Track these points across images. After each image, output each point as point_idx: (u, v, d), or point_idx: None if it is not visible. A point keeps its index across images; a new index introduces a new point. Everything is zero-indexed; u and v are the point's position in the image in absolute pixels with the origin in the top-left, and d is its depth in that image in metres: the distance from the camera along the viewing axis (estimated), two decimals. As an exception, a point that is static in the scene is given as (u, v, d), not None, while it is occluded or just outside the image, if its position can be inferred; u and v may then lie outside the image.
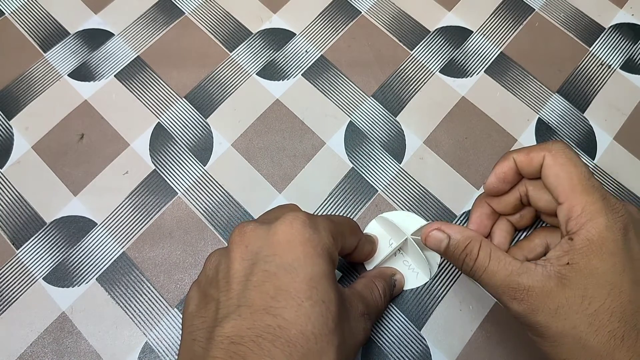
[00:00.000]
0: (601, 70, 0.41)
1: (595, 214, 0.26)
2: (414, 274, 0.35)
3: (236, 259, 0.25)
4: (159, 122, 0.39)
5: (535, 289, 0.25)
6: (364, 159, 0.38)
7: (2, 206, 0.37)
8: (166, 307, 0.34)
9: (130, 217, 0.36)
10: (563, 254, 0.26)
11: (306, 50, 0.41)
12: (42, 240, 0.36)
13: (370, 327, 0.29)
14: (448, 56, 0.42)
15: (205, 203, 0.37)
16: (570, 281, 0.25)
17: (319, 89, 0.40)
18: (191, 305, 0.26)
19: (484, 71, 0.41)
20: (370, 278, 0.32)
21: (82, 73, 0.41)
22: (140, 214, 0.36)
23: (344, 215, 0.36)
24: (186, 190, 0.37)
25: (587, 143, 0.39)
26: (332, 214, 0.37)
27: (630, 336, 0.24)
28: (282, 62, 0.41)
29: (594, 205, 0.26)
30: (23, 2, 0.43)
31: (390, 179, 0.38)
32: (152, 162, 0.38)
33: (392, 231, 0.35)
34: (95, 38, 0.42)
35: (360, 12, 0.43)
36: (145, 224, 0.36)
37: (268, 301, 0.23)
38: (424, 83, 0.41)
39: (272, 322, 0.23)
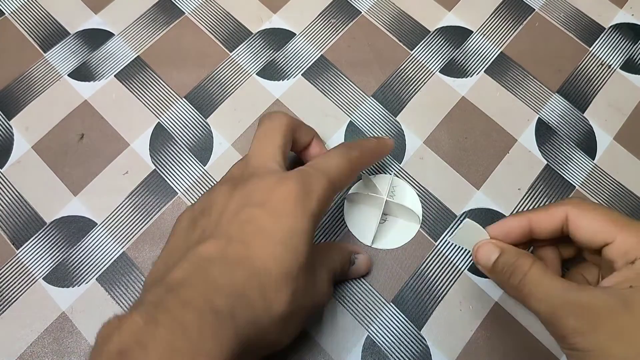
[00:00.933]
0: (601, 70, 0.41)
1: None
2: (405, 227, 0.36)
3: (232, 199, 0.27)
4: (159, 122, 0.39)
5: (597, 307, 0.23)
6: (364, 159, 0.38)
7: (2, 206, 0.37)
8: (166, 307, 0.34)
9: (130, 217, 0.36)
10: (624, 279, 0.24)
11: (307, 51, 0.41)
12: (42, 240, 0.36)
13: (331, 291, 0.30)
14: (448, 56, 0.42)
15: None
16: (635, 304, 0.23)
17: (319, 89, 0.40)
18: (178, 228, 0.29)
19: (484, 71, 0.41)
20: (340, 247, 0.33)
21: (82, 73, 0.41)
22: (140, 214, 0.36)
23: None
24: (186, 190, 0.37)
25: (587, 143, 0.39)
26: (331, 213, 0.37)
27: None
28: (282, 62, 0.41)
29: None
30: (23, 2, 0.43)
31: (390, 179, 0.38)
32: (152, 162, 0.38)
33: (369, 200, 0.36)
34: (95, 38, 0.42)
35: (360, 12, 0.43)
36: (145, 224, 0.36)
37: (247, 236, 0.25)
38: (424, 83, 0.41)
39: (243, 252, 0.25)
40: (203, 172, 0.38)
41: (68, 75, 0.40)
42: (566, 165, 0.38)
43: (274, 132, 0.30)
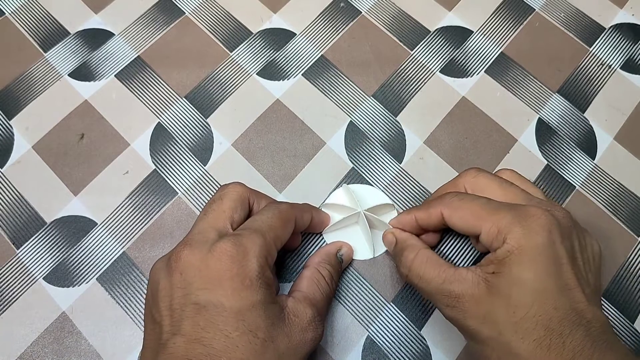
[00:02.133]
0: (601, 70, 0.41)
1: (510, 226, 0.27)
2: (365, 247, 0.36)
3: (173, 286, 0.27)
4: (159, 122, 0.39)
5: (465, 296, 0.27)
6: (364, 159, 0.38)
7: (2, 206, 0.37)
8: (166, 307, 0.34)
9: (130, 217, 0.36)
10: (489, 262, 0.27)
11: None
12: (42, 240, 0.36)
13: (322, 328, 0.29)
14: (448, 56, 0.42)
15: (205, 203, 0.37)
16: (496, 289, 0.26)
17: (319, 89, 0.40)
18: (146, 320, 0.28)
19: (484, 71, 0.41)
20: (314, 267, 0.32)
21: (83, 73, 0.41)
22: (140, 213, 0.36)
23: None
24: (186, 190, 0.37)
25: (588, 143, 0.39)
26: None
27: (557, 344, 0.24)
28: (282, 62, 0.41)
29: (504, 220, 0.27)
30: (23, 2, 0.43)
31: (390, 179, 0.38)
32: (153, 161, 0.38)
33: (352, 203, 0.36)
34: (95, 38, 0.42)
35: (361, 12, 0.43)
36: (145, 224, 0.36)
37: (199, 332, 0.25)
38: (424, 83, 0.41)
39: (203, 351, 0.25)
40: (203, 172, 0.38)
41: (68, 75, 0.40)
42: (566, 165, 0.38)
43: (221, 200, 0.30)
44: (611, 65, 0.41)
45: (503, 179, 0.31)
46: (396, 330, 0.34)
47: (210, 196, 0.37)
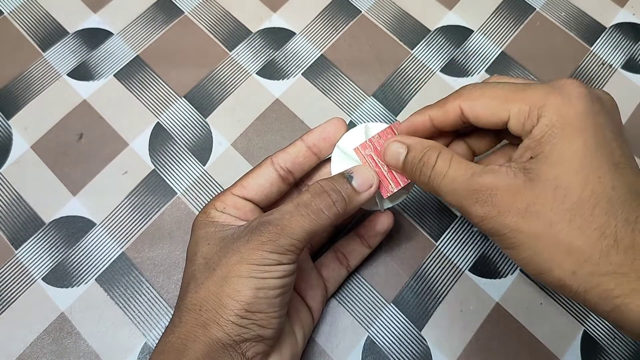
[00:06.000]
0: (602, 69, 0.41)
1: (545, 98, 0.22)
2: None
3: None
4: (158, 121, 0.39)
5: (500, 188, 0.22)
6: (364, 159, 0.38)
7: (1, 206, 0.36)
8: (166, 307, 0.34)
9: (129, 217, 0.36)
10: (525, 150, 0.23)
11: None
12: (41, 241, 0.35)
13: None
14: (449, 56, 0.42)
15: (205, 203, 0.37)
16: (538, 174, 0.22)
17: (319, 89, 0.40)
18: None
19: (485, 70, 0.41)
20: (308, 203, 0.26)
21: (81, 72, 0.40)
22: (139, 214, 0.36)
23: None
24: (185, 190, 0.37)
25: (588, 143, 0.39)
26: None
27: (625, 232, 0.20)
28: (282, 62, 0.41)
29: (536, 94, 0.23)
30: (22, 1, 0.43)
31: (390, 179, 0.37)
32: (152, 161, 0.38)
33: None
34: (94, 37, 0.42)
35: (361, 12, 0.43)
36: (144, 224, 0.36)
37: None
38: (425, 82, 0.41)
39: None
40: (202, 172, 0.38)
41: (67, 74, 0.40)
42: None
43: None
44: (612, 64, 0.41)
45: (512, 78, 0.27)
46: (396, 331, 0.34)
47: (210, 196, 0.37)
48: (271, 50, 0.42)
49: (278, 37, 0.42)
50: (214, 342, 0.24)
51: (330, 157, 0.30)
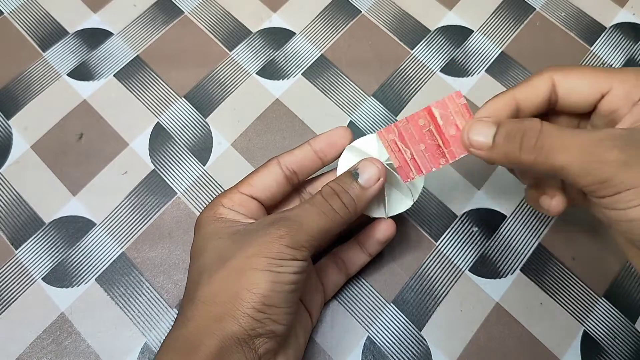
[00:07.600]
0: (602, 69, 0.41)
1: None
2: (398, 198, 0.31)
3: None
4: (158, 121, 0.39)
5: (637, 139, 0.21)
6: (364, 159, 0.38)
7: (1, 206, 0.36)
8: (165, 307, 0.34)
9: (129, 217, 0.36)
10: (637, 118, 0.23)
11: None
12: (41, 241, 0.35)
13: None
14: (449, 55, 0.41)
15: (205, 203, 0.37)
16: None
17: (319, 89, 0.40)
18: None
19: (485, 70, 0.41)
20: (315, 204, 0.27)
21: (81, 72, 0.40)
22: (139, 214, 0.36)
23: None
24: (185, 190, 0.37)
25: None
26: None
27: None
28: (282, 62, 0.41)
29: (632, 76, 0.24)
30: (22, 1, 0.43)
31: (390, 179, 0.37)
32: (152, 161, 0.38)
33: (380, 154, 0.30)
34: (94, 37, 0.42)
35: (361, 12, 0.43)
36: (144, 224, 0.36)
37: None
38: (425, 82, 0.40)
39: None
40: (202, 172, 0.38)
41: (67, 74, 0.40)
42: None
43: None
44: (612, 64, 0.41)
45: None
46: (396, 331, 0.34)
47: (210, 196, 0.37)
48: (271, 50, 0.42)
49: (278, 37, 0.42)
50: (228, 337, 0.24)
51: (333, 166, 0.31)
